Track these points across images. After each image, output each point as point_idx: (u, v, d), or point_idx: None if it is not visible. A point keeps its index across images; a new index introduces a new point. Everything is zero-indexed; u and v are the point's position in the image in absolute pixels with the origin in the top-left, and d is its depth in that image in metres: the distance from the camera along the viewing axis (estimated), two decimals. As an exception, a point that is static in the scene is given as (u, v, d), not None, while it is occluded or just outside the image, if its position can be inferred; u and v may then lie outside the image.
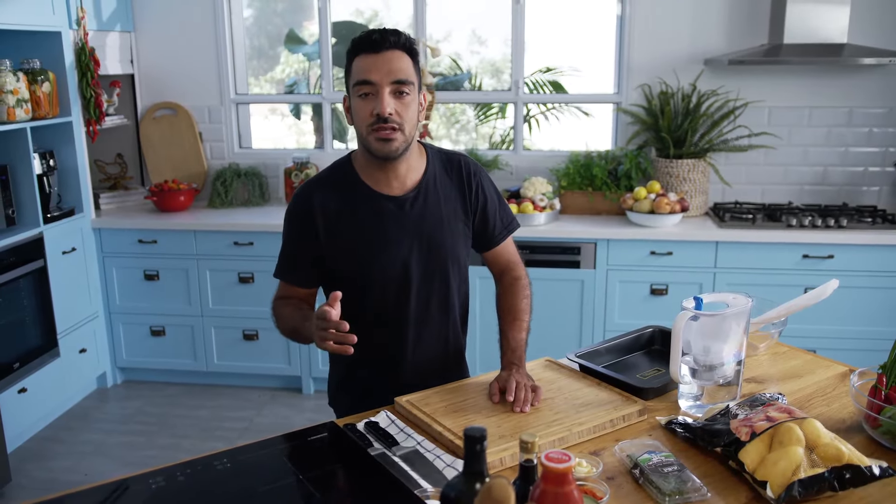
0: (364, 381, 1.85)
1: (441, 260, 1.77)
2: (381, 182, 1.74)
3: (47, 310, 3.51)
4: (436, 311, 1.82)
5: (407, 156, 1.72)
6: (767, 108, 3.86)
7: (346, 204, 1.73)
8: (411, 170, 1.76)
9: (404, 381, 1.79)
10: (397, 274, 1.75)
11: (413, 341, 1.81)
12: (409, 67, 1.64)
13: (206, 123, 4.29)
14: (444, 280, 1.80)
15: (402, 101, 1.63)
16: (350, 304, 1.66)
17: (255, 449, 1.41)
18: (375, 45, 1.62)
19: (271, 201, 4.23)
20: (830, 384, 1.74)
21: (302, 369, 3.89)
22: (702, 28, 3.84)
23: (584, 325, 3.65)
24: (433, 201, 1.77)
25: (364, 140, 1.68)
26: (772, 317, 1.90)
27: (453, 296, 1.83)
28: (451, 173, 1.81)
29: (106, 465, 3.27)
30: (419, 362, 1.83)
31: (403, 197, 1.74)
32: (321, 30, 4.19)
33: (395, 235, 1.73)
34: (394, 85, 1.62)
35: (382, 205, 1.73)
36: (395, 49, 1.63)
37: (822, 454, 1.29)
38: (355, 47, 1.65)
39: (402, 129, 1.64)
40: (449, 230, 1.78)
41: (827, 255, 3.43)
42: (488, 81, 5.80)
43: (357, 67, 1.64)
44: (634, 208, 3.63)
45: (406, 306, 1.77)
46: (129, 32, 4.16)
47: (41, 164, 3.50)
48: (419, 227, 1.75)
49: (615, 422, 1.55)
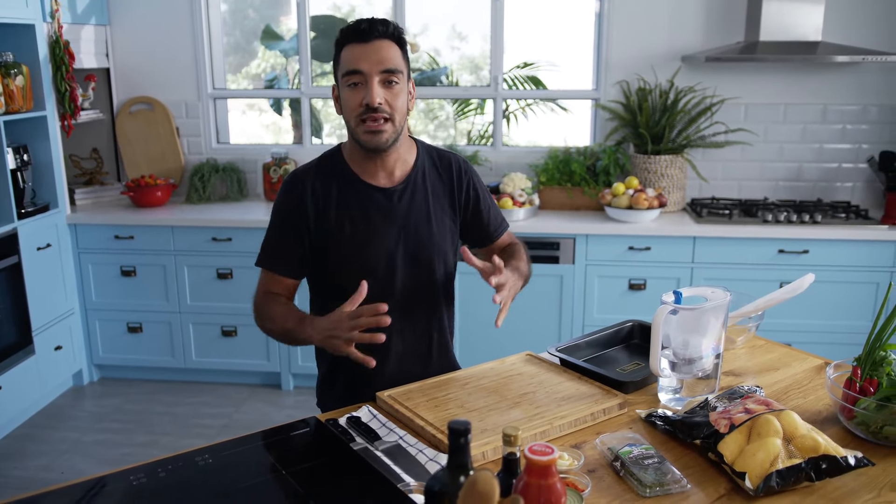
0: (349, 374, 1.83)
1: (427, 253, 1.79)
2: (370, 173, 1.75)
3: (22, 307, 3.47)
4: (421, 303, 1.82)
5: (396, 147, 1.73)
6: (744, 104, 3.90)
7: (335, 193, 1.74)
8: (400, 161, 1.77)
9: (389, 373, 1.80)
10: (383, 265, 1.75)
11: (397, 333, 1.80)
12: (397, 57, 1.65)
13: (184, 118, 4.25)
14: (429, 273, 1.81)
15: (391, 91, 1.64)
16: (335, 294, 1.68)
17: (236, 445, 1.40)
18: (364, 34, 1.62)
19: (250, 197, 4.21)
20: (807, 377, 1.77)
21: (281, 365, 3.88)
22: (679, 25, 3.87)
23: (563, 320, 3.67)
24: (421, 195, 1.78)
25: (353, 131, 1.69)
26: (749, 311, 1.92)
27: (438, 289, 1.84)
28: (440, 169, 1.83)
29: (83, 464, 3.23)
30: (404, 354, 1.83)
31: (392, 189, 1.75)
32: (299, 24, 4.17)
33: (382, 226, 1.74)
34: (383, 74, 1.62)
35: (371, 195, 1.74)
36: (384, 38, 1.63)
37: (800, 445, 1.31)
38: (344, 37, 1.66)
39: (392, 119, 1.65)
40: (436, 224, 1.79)
41: (802, 250, 3.48)
42: (467, 77, 5.80)
43: (346, 57, 1.64)
44: (613, 204, 3.65)
45: (392, 296, 1.75)
46: (105, 26, 4.11)
47: (15, 158, 3.45)
48: (406, 219, 1.76)
49: (596, 415, 1.56)
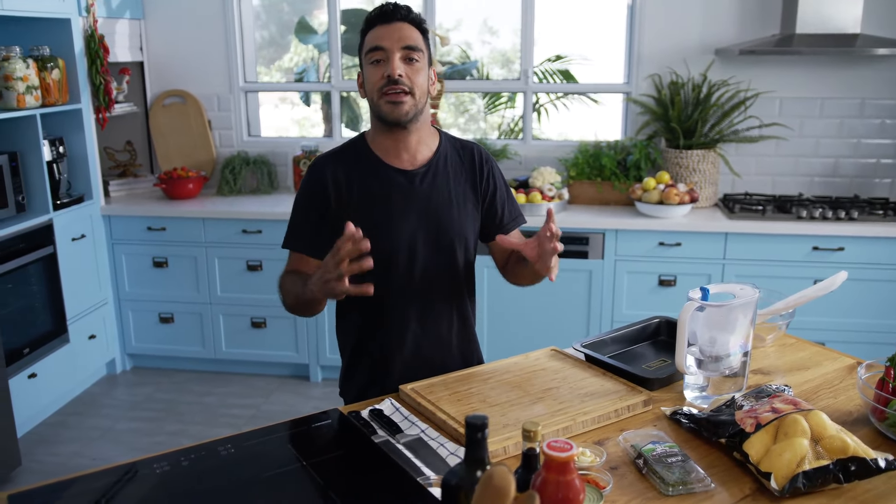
0: (370, 361, 1.84)
1: (448, 237, 1.78)
2: (392, 154, 1.77)
3: (57, 296, 3.54)
4: (441, 287, 1.82)
5: (418, 126, 1.75)
6: (779, 98, 3.83)
7: (357, 175, 1.76)
8: (422, 144, 1.79)
9: (409, 359, 1.81)
10: (404, 247, 1.75)
11: (417, 318, 1.81)
12: (418, 38, 1.71)
13: (215, 111, 4.30)
14: (450, 257, 1.80)
15: (412, 67, 1.69)
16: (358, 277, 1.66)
17: (259, 435, 1.41)
18: (387, 16, 1.70)
19: (280, 189, 4.24)
20: (837, 376, 1.73)
21: (310, 357, 3.90)
22: (713, 18, 3.80)
23: (591, 316, 3.64)
24: (443, 179, 1.79)
25: (375, 106, 1.72)
26: (779, 308, 1.89)
27: (459, 274, 1.84)
28: (462, 156, 1.84)
29: (114, 451, 3.29)
30: (423, 339, 1.83)
31: (413, 171, 1.77)
32: (330, 17, 4.18)
33: (403, 208, 1.75)
34: (404, 51, 1.68)
35: (392, 177, 1.76)
36: (406, 21, 1.70)
37: (828, 446, 1.28)
38: (368, 22, 1.73)
39: (413, 92, 1.68)
40: (457, 209, 1.79)
41: (837, 248, 3.40)
42: (499, 71, 5.78)
43: (369, 38, 1.71)
44: (643, 199, 3.61)
45: (412, 280, 1.77)
46: (139, 20, 4.17)
47: (51, 151, 3.52)
48: (427, 202, 1.76)
49: (620, 412, 1.55)
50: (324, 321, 3.82)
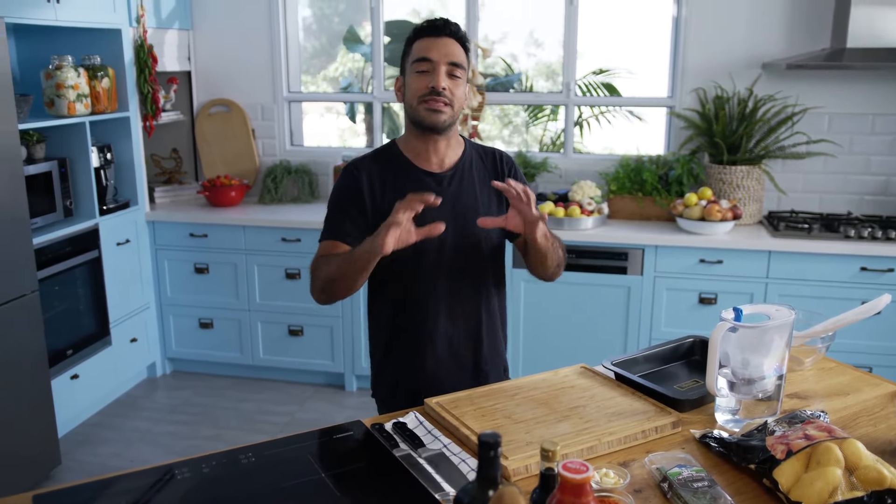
0: (403, 355, 1.91)
1: (475, 235, 1.87)
2: (422, 158, 1.88)
3: (101, 299, 3.62)
4: (469, 284, 1.90)
5: (450, 134, 1.86)
6: (828, 114, 3.73)
7: (390, 176, 1.87)
8: (450, 149, 1.89)
9: (441, 354, 1.88)
10: (434, 244, 1.82)
11: (449, 312, 1.88)
12: (462, 54, 1.82)
13: (259, 121, 4.36)
14: (477, 255, 1.89)
15: (453, 82, 1.80)
16: (386, 277, 1.85)
17: (280, 445, 1.42)
18: (437, 29, 1.81)
19: (320, 199, 4.27)
20: (878, 403, 1.67)
21: (345, 366, 3.92)
22: (760, 31, 3.73)
23: (629, 333, 3.58)
24: (469, 182, 1.89)
25: (413, 111, 1.82)
26: (818, 331, 1.83)
27: (487, 272, 1.92)
28: (486, 161, 1.95)
29: (151, 453, 3.34)
30: (454, 335, 1.90)
31: (442, 174, 1.88)
32: (373, 28, 4.22)
33: (432, 209, 1.76)
34: (449, 66, 1.79)
35: (422, 178, 1.86)
36: (453, 38, 1.82)
37: (863, 477, 1.23)
38: (417, 32, 1.84)
39: (452, 104, 1.80)
40: (484, 209, 1.88)
41: (886, 269, 3.29)
42: (543, 84, 5.76)
43: (417, 48, 1.82)
44: (684, 215, 3.55)
45: (441, 276, 1.86)
46: (188, 30, 4.26)
47: (99, 157, 3.61)
48: (455, 202, 1.86)
49: (647, 433, 1.51)
50: (359, 331, 3.83)
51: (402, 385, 1.91)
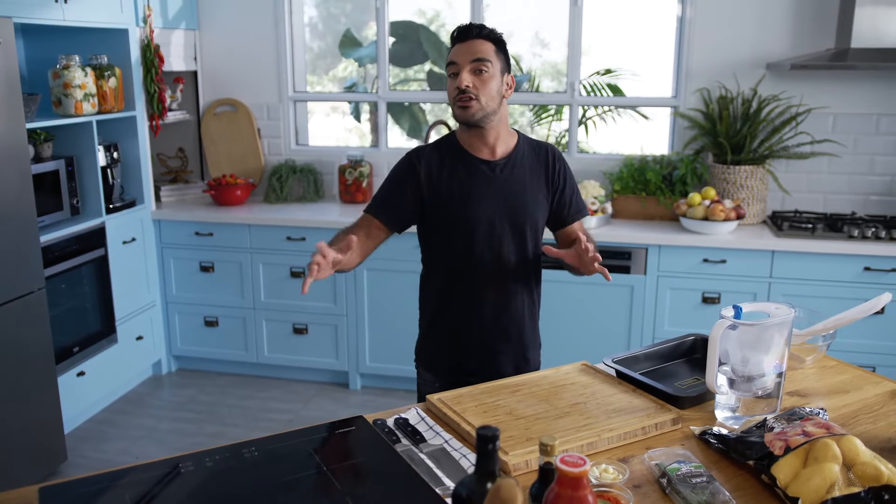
0: (451, 325, 2.06)
1: (521, 221, 2.01)
2: (476, 148, 2.03)
3: (107, 297, 3.64)
4: (514, 263, 2.03)
5: (493, 125, 1.98)
6: (832, 114, 3.73)
7: (448, 161, 2.03)
8: (500, 141, 2.03)
9: (487, 325, 2.02)
10: (484, 221, 1.98)
11: (496, 287, 2.02)
12: (488, 50, 1.94)
13: (265, 120, 4.38)
14: (522, 237, 2.03)
15: (480, 78, 1.92)
16: (441, 249, 2.03)
17: (283, 439, 1.43)
18: (463, 34, 1.96)
19: (325, 198, 4.29)
20: (878, 401, 1.67)
21: (349, 365, 3.94)
22: (764, 32, 3.73)
23: (632, 332, 3.59)
24: (520, 170, 2.03)
25: (452, 110, 1.98)
26: (819, 329, 1.84)
27: (529, 254, 2.06)
28: (538, 154, 2.08)
29: (156, 450, 3.36)
30: (499, 309, 2.03)
31: (494, 162, 2.02)
32: (379, 29, 4.23)
33: (484, 192, 1.99)
34: (473, 63, 1.92)
35: (476, 165, 2.01)
36: (479, 38, 1.95)
37: (860, 473, 1.24)
38: (452, 39, 1.99)
39: (478, 98, 1.92)
40: (531, 196, 2.03)
41: (890, 269, 3.30)
42: (549, 84, 5.77)
43: (449, 54, 1.98)
44: (688, 214, 3.56)
45: (489, 255, 2.00)
46: (194, 30, 4.28)
47: (105, 156, 3.63)
48: (505, 188, 2.00)
49: (647, 429, 1.52)
50: (363, 330, 3.85)
51: (446, 355, 2.07)
